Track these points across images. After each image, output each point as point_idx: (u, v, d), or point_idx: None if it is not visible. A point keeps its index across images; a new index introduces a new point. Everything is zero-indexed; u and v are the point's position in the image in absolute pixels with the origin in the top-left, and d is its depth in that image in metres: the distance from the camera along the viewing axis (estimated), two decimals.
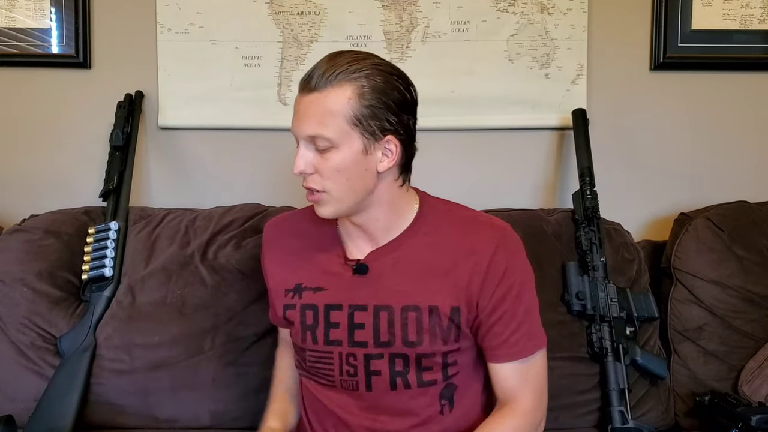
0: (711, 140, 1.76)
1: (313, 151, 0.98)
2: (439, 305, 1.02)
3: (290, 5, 1.71)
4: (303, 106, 0.97)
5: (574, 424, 1.41)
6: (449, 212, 1.10)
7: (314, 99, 0.96)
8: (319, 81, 0.96)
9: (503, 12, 1.71)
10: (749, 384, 1.42)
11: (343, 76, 0.95)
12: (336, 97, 0.95)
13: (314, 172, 0.99)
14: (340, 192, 0.99)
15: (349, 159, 0.97)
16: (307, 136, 0.97)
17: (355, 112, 0.95)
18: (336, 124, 0.95)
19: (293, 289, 1.10)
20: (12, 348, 1.39)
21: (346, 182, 0.98)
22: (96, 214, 1.56)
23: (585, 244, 1.47)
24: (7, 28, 1.71)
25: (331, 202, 1.00)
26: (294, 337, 1.11)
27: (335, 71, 0.95)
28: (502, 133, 1.75)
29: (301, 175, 1.00)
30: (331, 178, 0.98)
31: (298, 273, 1.10)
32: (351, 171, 0.97)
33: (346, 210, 1.02)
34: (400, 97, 0.98)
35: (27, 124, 1.74)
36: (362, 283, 1.05)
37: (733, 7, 1.72)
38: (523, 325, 1.04)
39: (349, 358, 1.05)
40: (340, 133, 0.95)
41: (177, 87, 1.72)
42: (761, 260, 1.49)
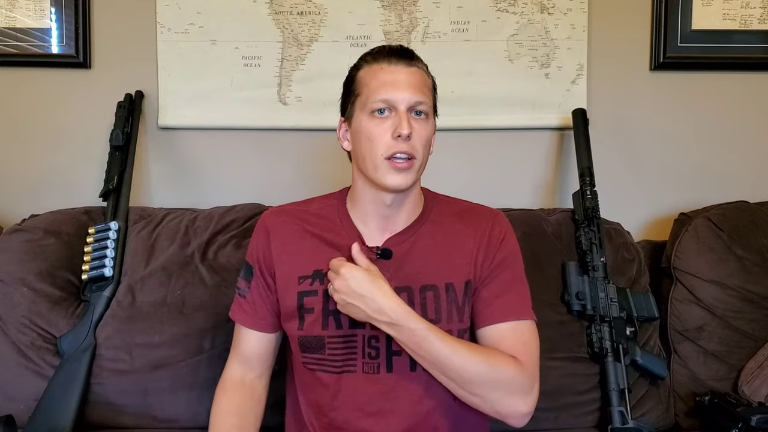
0: (711, 140, 1.76)
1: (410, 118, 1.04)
2: (454, 282, 1.09)
3: (290, 5, 1.71)
4: (405, 74, 1.05)
5: (574, 424, 1.41)
6: (451, 203, 1.19)
7: (416, 71, 1.06)
8: (414, 58, 1.07)
9: (503, 12, 1.71)
10: (749, 384, 1.42)
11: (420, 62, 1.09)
12: (425, 74, 1.08)
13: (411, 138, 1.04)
14: (423, 159, 1.07)
15: (432, 131, 1.08)
16: (415, 102, 1.04)
17: (433, 94, 1.10)
18: (429, 97, 1.07)
19: (311, 276, 1.10)
20: (12, 348, 1.39)
21: (426, 152, 1.08)
22: (96, 214, 1.56)
23: (585, 244, 1.47)
24: (7, 28, 1.71)
25: (416, 170, 1.06)
26: (308, 327, 1.09)
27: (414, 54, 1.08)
28: (502, 133, 1.75)
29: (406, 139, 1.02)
30: (421, 145, 1.05)
31: (315, 259, 1.11)
32: (430, 142, 1.09)
33: (416, 181, 1.09)
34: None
35: (27, 124, 1.74)
36: (383, 267, 1.08)
37: (733, 7, 1.72)
38: (512, 291, 1.11)
39: (372, 340, 1.07)
40: (430, 106, 1.07)
41: (177, 87, 1.72)
42: (761, 260, 1.49)
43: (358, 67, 1.09)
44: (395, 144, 1.02)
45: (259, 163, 1.75)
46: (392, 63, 1.05)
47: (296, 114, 1.72)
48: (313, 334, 1.09)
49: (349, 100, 1.09)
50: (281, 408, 1.34)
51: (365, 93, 1.05)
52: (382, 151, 1.03)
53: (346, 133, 1.11)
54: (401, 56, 1.05)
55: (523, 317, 1.09)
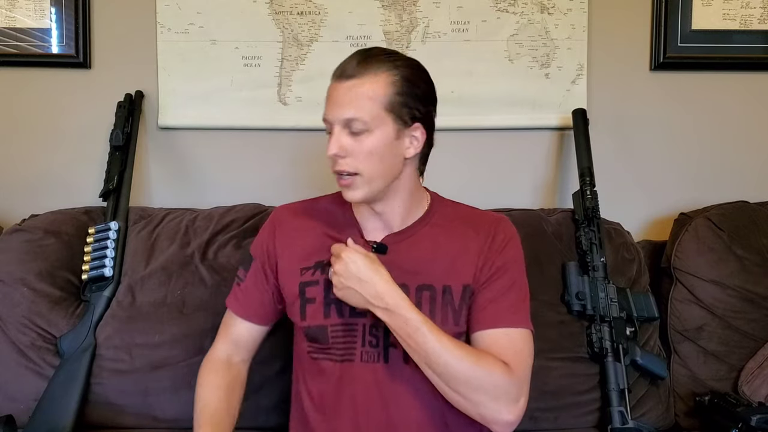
0: (711, 140, 1.76)
1: (348, 135, 1.04)
2: (452, 285, 1.09)
3: (290, 5, 1.71)
4: (340, 92, 1.04)
5: (574, 424, 1.41)
6: (457, 208, 1.20)
7: (352, 85, 1.03)
8: (357, 69, 1.04)
9: (503, 12, 1.71)
10: (749, 384, 1.42)
11: (378, 65, 1.04)
12: (373, 83, 1.03)
13: (346, 155, 1.05)
14: (371, 173, 1.05)
15: (382, 142, 1.04)
16: (344, 120, 1.04)
17: (389, 98, 1.03)
18: (372, 109, 1.03)
19: (313, 266, 1.13)
20: (12, 348, 1.39)
21: (378, 164, 1.05)
22: (96, 214, 1.56)
23: (585, 244, 1.47)
24: (7, 28, 1.71)
25: (363, 185, 1.06)
26: (311, 317, 1.11)
27: (372, 61, 1.04)
28: (502, 133, 1.75)
29: (335, 158, 1.05)
30: (365, 161, 1.04)
31: (318, 251, 1.13)
32: (383, 154, 1.05)
33: (376, 193, 1.08)
34: (427, 89, 1.08)
35: (27, 124, 1.74)
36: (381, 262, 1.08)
37: (733, 7, 1.72)
38: (507, 298, 1.09)
39: (373, 329, 1.09)
40: (374, 117, 1.03)
41: (177, 87, 1.72)
42: (761, 260, 1.49)
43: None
44: (333, 162, 1.07)
45: (259, 163, 1.75)
46: (336, 78, 1.06)
47: (296, 114, 1.72)
48: (316, 324, 1.11)
49: None
50: (282, 408, 1.35)
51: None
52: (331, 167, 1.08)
53: None
54: (341, 72, 1.06)
55: (517, 325, 1.08)
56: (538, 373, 1.40)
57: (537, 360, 1.41)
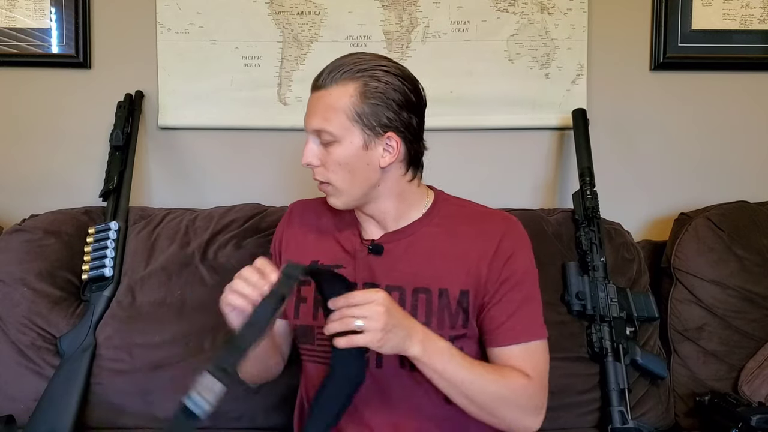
0: (711, 140, 1.76)
1: (319, 144, 1.05)
2: (449, 288, 1.07)
3: (290, 5, 1.71)
4: (312, 102, 1.05)
5: (574, 424, 1.41)
6: (463, 206, 1.16)
7: (321, 96, 1.03)
8: (326, 79, 1.03)
9: (503, 12, 1.71)
10: (749, 384, 1.42)
11: (348, 75, 1.02)
12: (339, 94, 1.02)
13: (320, 164, 1.06)
14: (343, 184, 1.05)
15: (350, 153, 1.03)
16: (314, 130, 1.04)
17: (356, 109, 1.01)
18: (338, 120, 1.02)
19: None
20: (12, 348, 1.40)
21: (348, 175, 1.04)
22: (96, 214, 1.56)
23: (585, 244, 1.47)
24: (7, 28, 1.71)
25: (338, 194, 1.07)
26: (303, 317, 1.12)
27: (341, 70, 1.03)
28: (502, 133, 1.75)
29: (309, 166, 1.07)
30: (334, 171, 1.04)
31: (316, 251, 1.14)
32: (352, 164, 1.04)
33: (354, 201, 1.08)
34: (402, 97, 1.04)
35: (27, 124, 1.74)
36: (377, 263, 1.09)
37: (733, 7, 1.72)
38: (521, 312, 1.07)
39: None
40: (341, 128, 1.02)
41: (177, 87, 1.72)
42: (761, 260, 1.49)
43: None
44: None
45: (259, 163, 1.75)
46: (311, 89, 1.06)
47: (296, 114, 1.72)
48: (305, 323, 1.12)
49: None
50: (282, 408, 1.35)
51: None
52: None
53: None
54: (315, 81, 1.06)
55: (533, 338, 1.08)
56: None
57: None
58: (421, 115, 1.08)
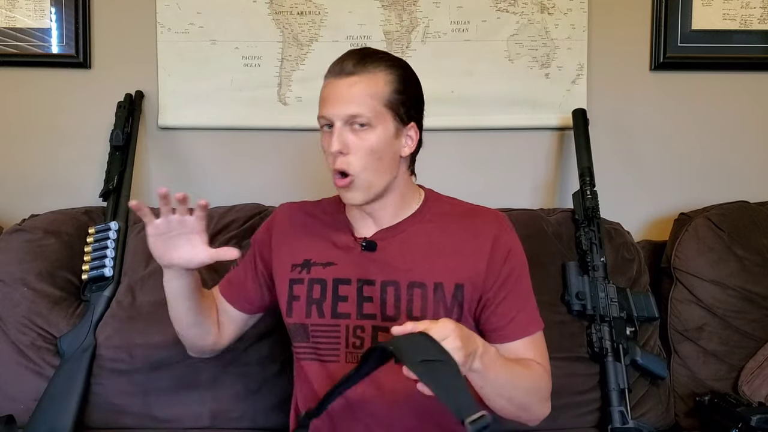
0: (711, 140, 1.76)
1: (350, 131, 1.04)
2: (444, 282, 1.08)
3: (290, 5, 1.71)
4: (340, 88, 1.04)
5: (574, 424, 1.41)
6: (452, 204, 1.18)
7: (353, 81, 1.04)
8: (357, 66, 1.04)
9: (503, 12, 1.71)
10: (749, 384, 1.42)
11: (377, 64, 1.05)
12: (374, 80, 1.04)
13: (348, 152, 1.04)
14: (368, 174, 1.05)
15: (383, 140, 1.04)
16: (347, 116, 1.03)
17: (389, 96, 1.05)
18: (373, 105, 1.03)
19: (301, 264, 1.14)
20: (12, 348, 1.39)
21: (377, 163, 1.05)
22: (96, 214, 1.56)
23: (585, 244, 1.47)
24: (7, 28, 1.71)
25: (361, 187, 1.05)
26: (296, 314, 1.12)
27: (372, 59, 1.06)
28: (502, 133, 1.75)
29: (337, 154, 1.04)
30: (364, 158, 1.04)
31: (307, 249, 1.14)
32: (383, 152, 1.05)
33: (374, 194, 1.07)
34: (418, 90, 1.10)
35: (27, 124, 1.74)
36: (371, 260, 1.09)
37: (733, 7, 1.72)
38: (527, 305, 1.12)
39: (357, 330, 1.09)
40: (376, 113, 1.03)
41: (177, 87, 1.72)
42: (761, 260, 1.49)
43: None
44: (333, 160, 1.05)
45: (259, 163, 1.75)
46: (334, 76, 1.06)
47: (296, 114, 1.72)
48: (299, 321, 1.12)
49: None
50: (282, 408, 1.35)
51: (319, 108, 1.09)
52: (330, 165, 1.07)
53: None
54: (339, 69, 1.05)
55: (537, 329, 1.12)
56: None
57: None
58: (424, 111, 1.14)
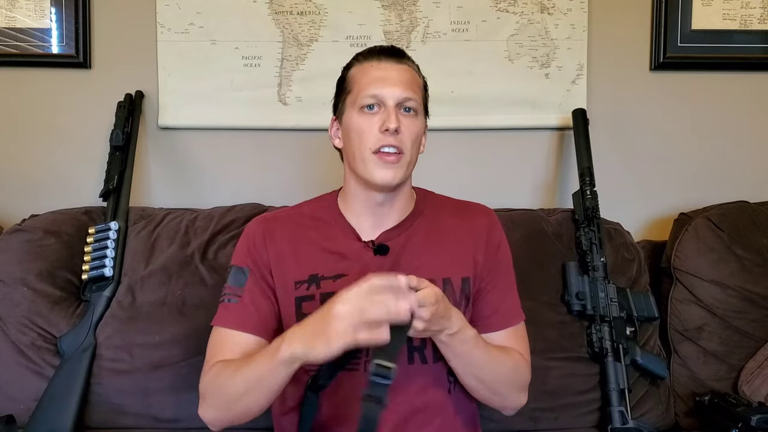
0: (711, 140, 1.76)
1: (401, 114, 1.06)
2: (451, 277, 1.10)
3: (290, 5, 1.71)
4: (395, 71, 1.07)
5: (574, 424, 1.41)
6: (444, 200, 1.20)
7: (405, 68, 1.08)
8: (404, 56, 1.09)
9: (503, 12, 1.71)
10: (749, 384, 1.42)
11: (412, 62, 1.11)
12: (417, 73, 1.11)
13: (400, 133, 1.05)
14: (411, 157, 1.07)
15: (421, 129, 1.09)
16: (404, 98, 1.05)
17: (423, 93, 1.11)
18: (418, 94, 1.08)
19: (307, 280, 1.09)
20: (12, 348, 1.39)
21: (415, 149, 1.09)
22: (96, 214, 1.56)
23: (585, 244, 1.47)
24: (7, 28, 1.71)
25: (405, 166, 1.07)
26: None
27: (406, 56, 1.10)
28: (502, 133, 1.75)
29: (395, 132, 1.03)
30: (410, 141, 1.06)
31: (311, 264, 1.09)
32: (419, 141, 1.09)
33: (406, 177, 1.09)
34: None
35: (27, 124, 1.74)
36: (382, 263, 1.08)
37: (733, 7, 1.72)
38: (510, 296, 1.15)
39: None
40: (419, 102, 1.08)
41: (177, 87, 1.72)
42: (761, 260, 1.49)
43: (350, 65, 1.13)
44: (383, 137, 1.04)
45: (259, 163, 1.75)
46: (382, 60, 1.08)
47: (296, 114, 1.72)
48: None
49: (341, 98, 1.12)
50: None
51: (356, 90, 1.07)
52: (370, 145, 1.04)
53: (338, 131, 1.13)
54: (391, 54, 1.08)
55: (520, 320, 1.15)
56: (538, 372, 1.40)
57: (537, 360, 1.41)
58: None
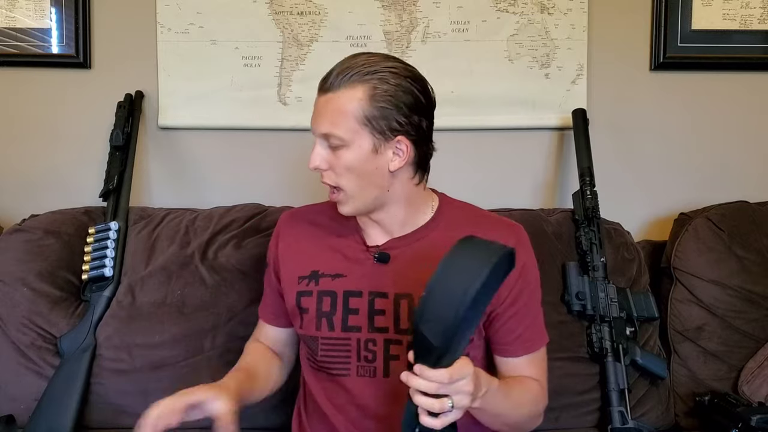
0: (711, 140, 1.76)
1: (327, 148, 1.03)
2: None
3: (290, 5, 1.71)
4: (319, 105, 1.03)
5: (574, 424, 1.41)
6: (468, 211, 1.14)
7: (329, 99, 1.01)
8: (334, 81, 1.01)
9: (503, 12, 1.71)
10: (749, 384, 1.42)
11: (357, 78, 1.00)
12: (348, 97, 0.99)
13: (328, 168, 1.03)
14: (353, 189, 1.03)
15: (360, 157, 1.01)
16: (321, 134, 1.02)
17: (365, 113, 0.99)
18: (347, 124, 0.99)
19: (308, 276, 1.11)
20: (12, 348, 1.39)
21: (357, 180, 1.02)
22: (96, 214, 1.56)
23: (585, 244, 1.47)
24: (7, 28, 1.71)
25: (348, 201, 1.04)
26: (306, 327, 1.10)
27: (349, 73, 1.00)
28: (502, 133, 1.75)
29: (317, 170, 1.04)
30: (343, 176, 1.02)
31: (314, 260, 1.12)
32: (362, 169, 1.01)
33: (365, 207, 1.06)
34: (412, 100, 1.01)
35: (27, 124, 1.74)
36: (383, 271, 1.07)
37: (733, 7, 1.72)
38: (536, 321, 1.10)
39: (368, 343, 1.06)
40: (350, 132, 0.99)
41: (177, 87, 1.72)
42: (761, 260, 1.49)
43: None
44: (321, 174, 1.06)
45: (259, 163, 1.75)
46: (318, 91, 1.05)
47: (296, 114, 1.72)
48: (309, 333, 1.10)
49: None
50: (282, 409, 1.35)
51: None
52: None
53: None
54: (322, 83, 1.03)
55: (542, 345, 1.12)
56: None
57: None
58: (431, 116, 1.06)
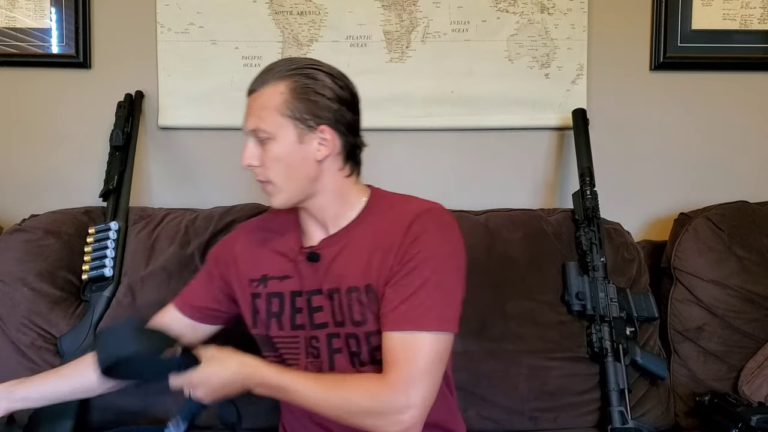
0: (711, 140, 1.76)
1: (257, 145, 1.08)
2: (373, 283, 1.05)
3: (290, 5, 1.71)
4: (248, 105, 1.10)
5: (574, 424, 1.41)
6: (393, 201, 1.13)
7: (255, 97, 1.08)
8: (258, 81, 1.08)
9: (503, 12, 1.71)
10: (749, 384, 1.42)
11: (279, 75, 1.06)
12: (271, 93, 1.06)
13: (260, 164, 1.08)
14: (281, 181, 1.07)
15: (286, 148, 1.06)
16: (250, 131, 1.08)
17: (287, 104, 1.05)
18: (271, 117, 1.05)
19: (259, 279, 1.15)
20: (12, 348, 1.40)
21: (285, 170, 1.07)
22: (96, 214, 1.56)
23: (585, 244, 1.47)
24: (7, 28, 1.71)
25: (278, 192, 1.08)
26: (259, 326, 1.15)
27: (272, 72, 1.07)
28: (502, 133, 1.75)
29: (249, 168, 1.09)
30: (272, 168, 1.07)
31: (264, 264, 1.15)
32: (288, 159, 1.06)
33: (295, 197, 1.09)
34: (333, 93, 1.07)
35: (27, 124, 1.74)
36: (316, 269, 1.10)
37: (733, 7, 1.72)
38: (415, 298, 1.00)
39: (312, 340, 1.10)
40: (275, 125, 1.05)
41: (177, 87, 1.72)
42: (761, 260, 1.49)
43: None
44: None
45: None
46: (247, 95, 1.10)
47: None
48: (263, 332, 1.15)
49: None
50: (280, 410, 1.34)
51: None
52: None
53: None
54: (250, 87, 1.09)
55: (419, 328, 0.99)
56: (538, 373, 1.40)
57: (537, 360, 1.42)
58: (355, 109, 1.10)
